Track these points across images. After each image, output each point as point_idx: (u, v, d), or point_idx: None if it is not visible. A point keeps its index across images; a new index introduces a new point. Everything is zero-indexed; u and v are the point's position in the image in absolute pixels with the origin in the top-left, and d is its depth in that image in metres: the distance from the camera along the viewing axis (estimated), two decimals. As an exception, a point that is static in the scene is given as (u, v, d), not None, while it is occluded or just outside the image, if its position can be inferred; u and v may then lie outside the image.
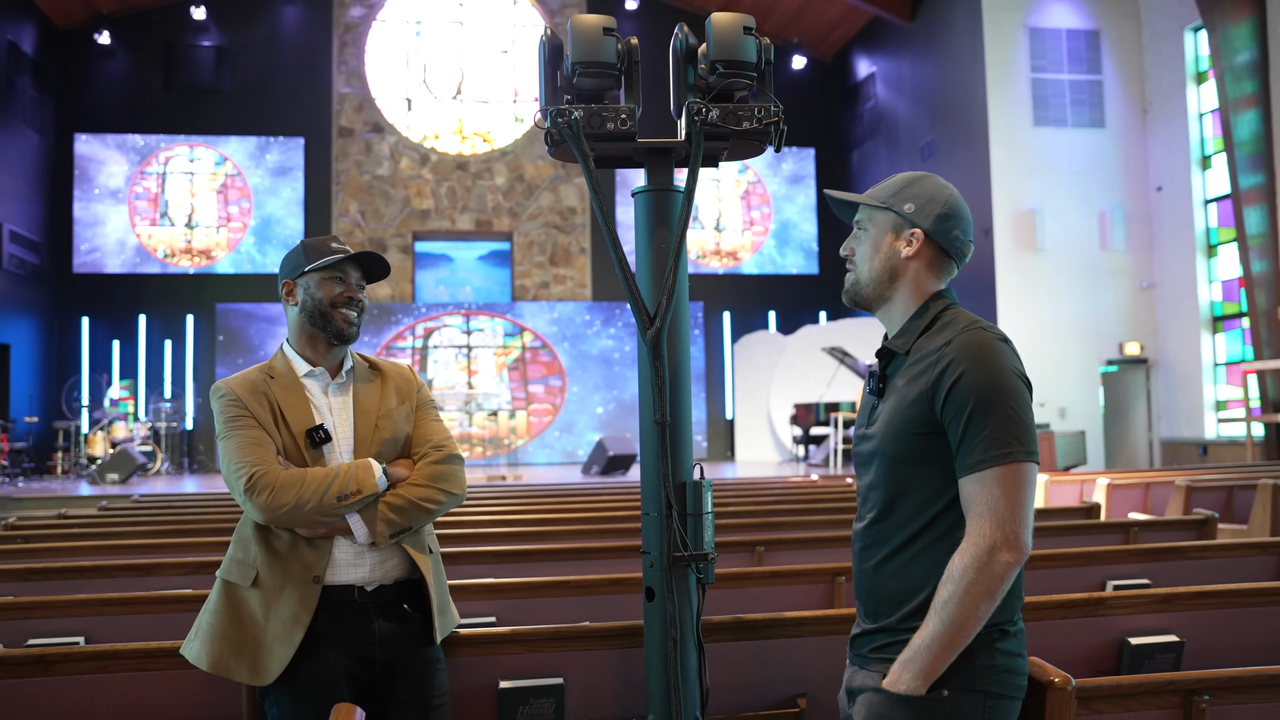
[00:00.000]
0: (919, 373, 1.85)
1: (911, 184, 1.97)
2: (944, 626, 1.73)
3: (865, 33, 18.46)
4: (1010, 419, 1.75)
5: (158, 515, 6.41)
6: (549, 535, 5.11)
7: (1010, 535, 1.72)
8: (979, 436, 1.75)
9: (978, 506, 1.75)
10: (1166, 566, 3.80)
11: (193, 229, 17.82)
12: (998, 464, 1.73)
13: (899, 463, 1.85)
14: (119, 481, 13.08)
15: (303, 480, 2.24)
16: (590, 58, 2.24)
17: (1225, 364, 13.92)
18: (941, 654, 1.74)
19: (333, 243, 2.45)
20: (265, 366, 2.45)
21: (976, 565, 1.72)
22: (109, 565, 4.01)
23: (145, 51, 17.73)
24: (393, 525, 2.30)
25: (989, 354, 1.79)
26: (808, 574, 3.57)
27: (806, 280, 19.52)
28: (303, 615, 2.23)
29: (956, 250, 1.96)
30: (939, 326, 1.89)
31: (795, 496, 7.22)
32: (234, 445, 2.29)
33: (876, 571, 1.89)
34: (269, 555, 2.28)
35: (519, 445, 17.77)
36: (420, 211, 18.28)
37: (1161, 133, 14.59)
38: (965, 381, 1.77)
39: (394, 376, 2.52)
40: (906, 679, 1.76)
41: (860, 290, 2.01)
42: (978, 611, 1.73)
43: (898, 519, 1.86)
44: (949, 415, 1.79)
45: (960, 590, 1.72)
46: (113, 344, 17.23)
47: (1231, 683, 2.03)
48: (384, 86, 18.43)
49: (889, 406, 1.89)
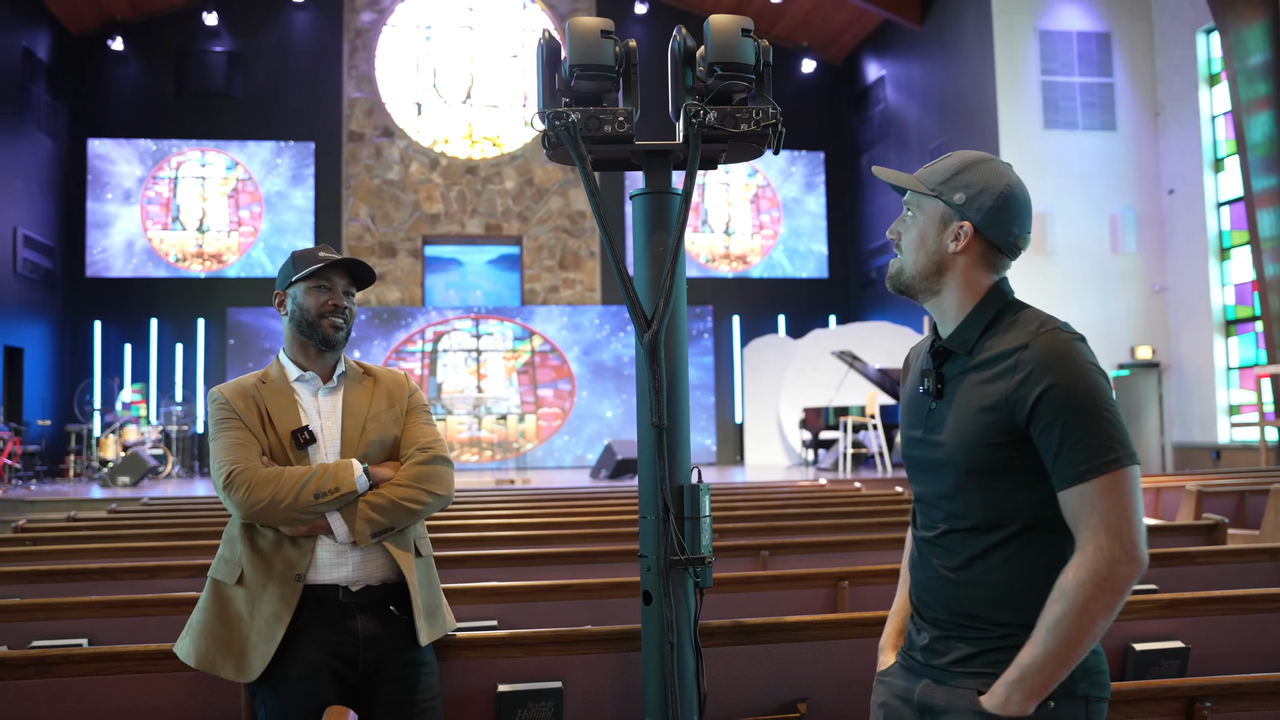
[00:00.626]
0: (991, 377, 1.74)
1: (966, 169, 1.83)
2: (1059, 644, 1.63)
3: (875, 36, 18.43)
4: (1108, 423, 1.65)
5: (165, 518, 6.43)
6: (554, 539, 5.10)
7: (1129, 546, 1.62)
8: (1078, 446, 1.65)
9: (1089, 519, 1.64)
10: (1174, 572, 3.77)
11: (204, 233, 17.89)
12: (1104, 472, 1.64)
13: (973, 473, 1.75)
14: (130, 484, 13.13)
15: (279, 477, 2.27)
16: (588, 60, 2.24)
17: (1238, 368, 13.83)
18: (1055, 674, 1.65)
19: (321, 252, 2.50)
20: (260, 373, 2.51)
21: (1095, 581, 1.62)
22: (114, 568, 4.02)
23: (158, 57, 17.83)
24: (374, 524, 2.31)
25: (1073, 357, 1.69)
26: (811, 578, 3.55)
27: (816, 284, 19.49)
28: (284, 613, 2.26)
29: (1009, 246, 1.82)
30: (1005, 325, 1.78)
31: (802, 500, 7.20)
32: (219, 446, 2.36)
33: (951, 582, 1.78)
34: (253, 554, 2.32)
35: (528, 449, 17.78)
36: (430, 215, 18.33)
37: (1173, 135, 14.53)
38: (1056, 390, 1.66)
39: (386, 381, 2.56)
40: (1017, 699, 1.66)
41: (904, 280, 1.89)
42: (1095, 628, 1.63)
43: (976, 529, 1.76)
44: (1039, 426, 1.68)
45: (1077, 608, 1.62)
46: (124, 347, 17.32)
47: (1234, 689, 2.01)
48: (394, 91, 18.48)
49: (956, 412, 1.78)
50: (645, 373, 2.23)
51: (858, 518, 5.97)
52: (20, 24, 15.67)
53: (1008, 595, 1.72)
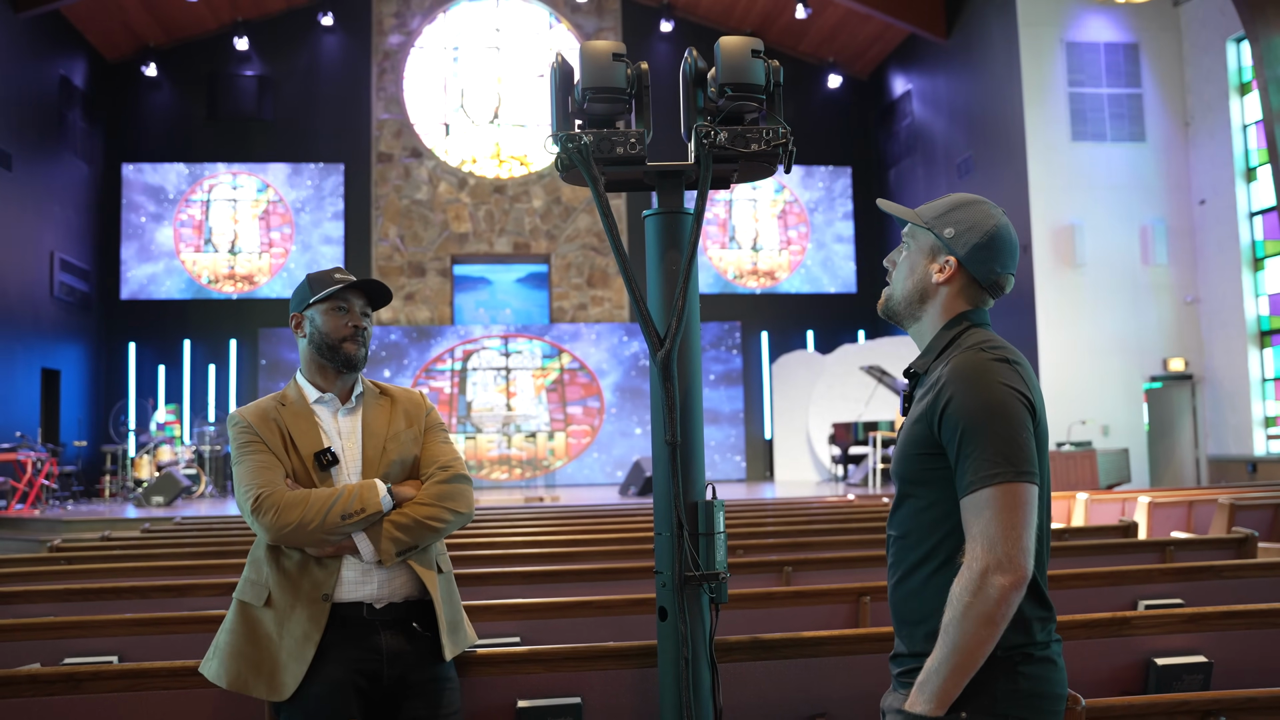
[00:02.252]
0: (925, 393, 1.87)
1: (958, 208, 1.96)
2: (949, 651, 1.72)
3: (901, 50, 18.42)
4: (999, 439, 1.73)
5: (197, 538, 6.51)
6: (579, 556, 5.13)
7: (1003, 558, 1.69)
8: (970, 459, 1.74)
9: (972, 529, 1.74)
10: (1200, 586, 3.74)
11: (235, 255, 18.13)
12: (987, 485, 1.72)
13: (908, 483, 1.87)
14: (164, 504, 13.29)
15: (306, 500, 2.30)
16: (600, 83, 2.28)
17: (1274, 379, 13.65)
18: (951, 678, 1.73)
19: (336, 273, 2.53)
20: (279, 395, 2.54)
21: (971, 589, 1.70)
22: (145, 586, 4.08)
23: (190, 82, 18.13)
24: (399, 544, 2.35)
25: (980, 374, 1.78)
26: (832, 594, 3.55)
27: (844, 299, 19.44)
28: (313, 632, 2.30)
29: (991, 283, 1.94)
30: (954, 348, 1.89)
31: (829, 516, 7.19)
32: (243, 469, 2.38)
33: (895, 591, 1.91)
34: (280, 575, 2.35)
35: (557, 466, 17.82)
36: (458, 235, 18.47)
37: (1204, 145, 14.40)
38: (955, 404, 1.77)
39: (403, 401, 2.59)
40: (921, 701, 1.75)
41: (892, 306, 2.03)
42: (977, 634, 1.70)
43: (911, 540, 1.87)
44: (945, 438, 1.79)
45: (959, 615, 1.71)
46: (158, 369, 17.55)
47: (1249, 703, 2.00)
48: (422, 112, 18.67)
49: (904, 426, 1.93)
50: (659, 391, 2.26)
51: (883, 533, 5.94)
52: (58, 52, 16.00)
53: (935, 608, 1.80)
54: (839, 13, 17.81)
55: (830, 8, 17.63)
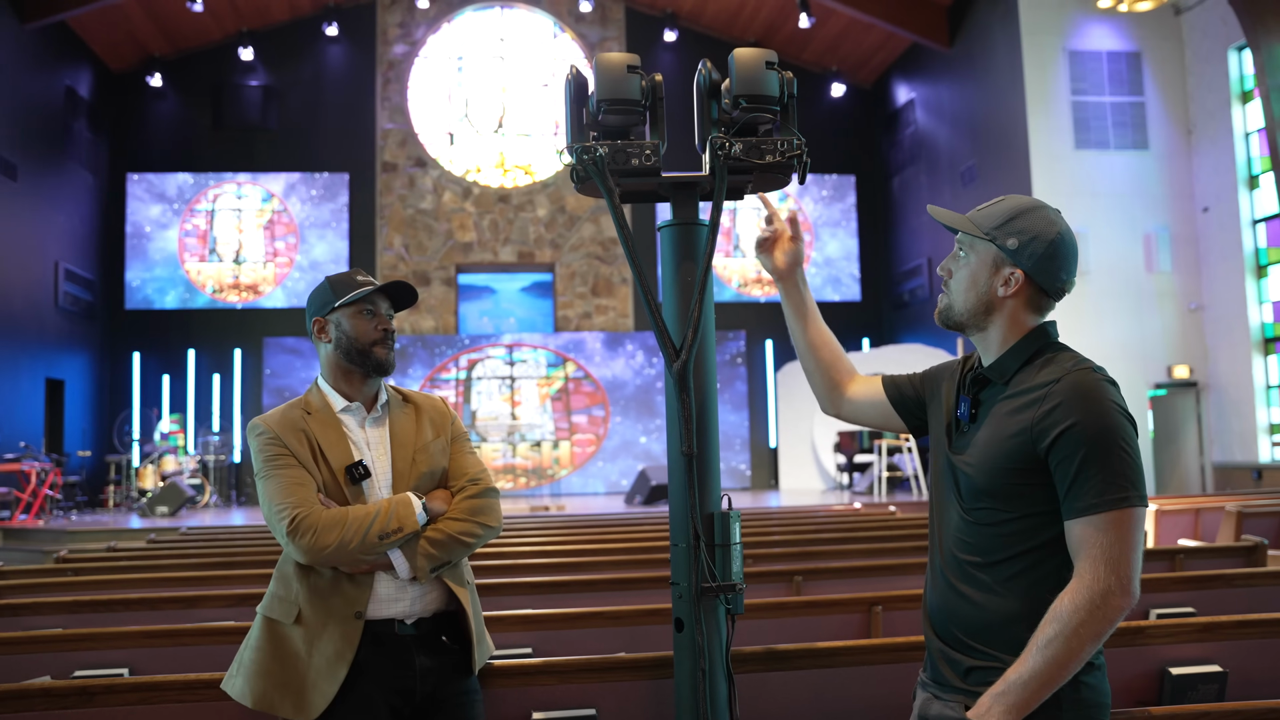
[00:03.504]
0: (1020, 407, 1.83)
1: (1020, 215, 1.91)
2: (1045, 665, 1.72)
3: (904, 59, 18.45)
4: (1124, 463, 1.73)
5: (203, 548, 6.51)
6: (588, 566, 5.12)
7: (1124, 580, 1.71)
8: (1092, 480, 1.73)
9: (1091, 550, 1.73)
10: (1212, 595, 3.72)
11: (240, 264, 18.16)
12: (1112, 509, 1.72)
13: (989, 495, 1.84)
14: (168, 514, 13.30)
15: (344, 520, 2.25)
16: (615, 95, 2.28)
17: (1279, 386, 13.63)
18: (1038, 692, 1.73)
19: (358, 276, 2.47)
20: (301, 403, 2.47)
21: (1088, 608, 1.70)
22: (154, 598, 4.08)
23: (195, 92, 18.19)
24: (433, 560, 2.32)
25: (1099, 396, 1.77)
26: (844, 604, 3.55)
27: (849, 307, 19.45)
28: (346, 651, 2.25)
29: (1056, 290, 1.91)
30: (1042, 362, 1.87)
31: (836, 525, 7.18)
32: (275, 486, 2.31)
33: (958, 601, 1.88)
34: (311, 593, 2.30)
35: (562, 475, 17.81)
36: (463, 244, 18.50)
37: (1207, 153, 14.41)
38: (1078, 425, 1.75)
39: (428, 409, 2.54)
40: (998, 712, 1.74)
41: (953, 317, 1.97)
42: (1082, 652, 1.71)
43: (984, 550, 1.85)
44: (1058, 457, 1.76)
45: (1068, 631, 1.71)
46: (163, 378, 17.57)
47: (1270, 715, 1.99)
48: (426, 121, 18.72)
49: (985, 436, 1.87)
50: (674, 402, 2.26)
51: (892, 542, 5.94)
52: (63, 63, 16.06)
53: (1005, 619, 1.81)
54: (842, 22, 17.85)
55: (834, 17, 17.66)
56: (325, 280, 2.50)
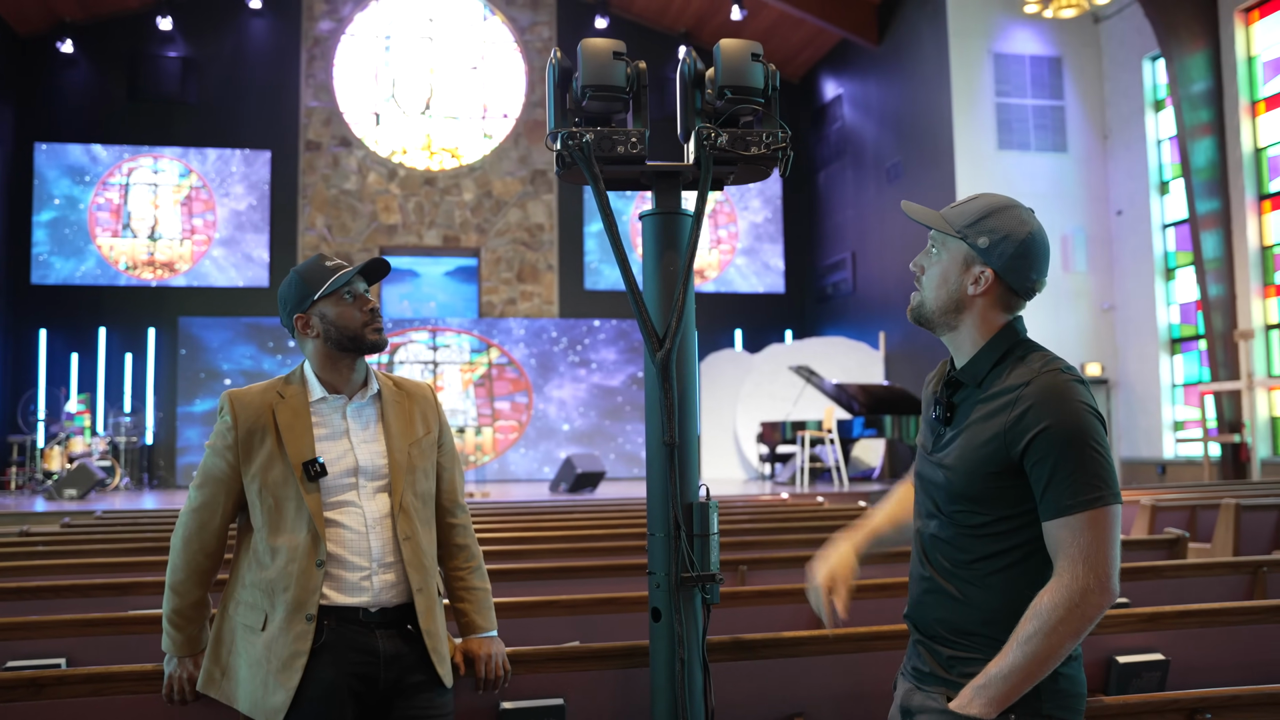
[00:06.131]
0: (993, 411, 1.85)
1: (992, 214, 1.91)
2: (1025, 660, 1.75)
3: (833, 55, 18.67)
4: (1096, 463, 1.76)
5: (128, 533, 6.31)
6: (528, 554, 5.09)
7: (1103, 578, 1.74)
8: (1066, 482, 1.76)
9: (1069, 549, 1.76)
10: (1144, 585, 3.86)
11: (155, 241, 17.60)
12: (1089, 508, 1.75)
13: (966, 499, 1.87)
14: (77, 497, 12.86)
15: (177, 570, 2.36)
16: (600, 81, 2.26)
17: (1183, 385, 14.17)
18: (1018, 685, 1.77)
19: (326, 262, 2.39)
20: (279, 384, 2.40)
21: (1067, 605, 1.74)
22: (85, 584, 3.94)
23: (109, 61, 17.54)
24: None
25: (1069, 397, 1.79)
26: (796, 593, 3.59)
27: (772, 299, 19.65)
28: (298, 658, 2.22)
29: (1027, 290, 1.92)
30: (1012, 361, 1.89)
31: (769, 515, 7.25)
32: (200, 469, 2.40)
33: (939, 597, 1.91)
34: (265, 596, 2.28)
35: (485, 462, 17.69)
36: (387, 226, 18.21)
37: (1121, 158, 14.88)
38: (1050, 428, 1.77)
39: (419, 399, 2.49)
40: (979, 704, 1.78)
41: (924, 314, 1.98)
42: (1061, 649, 1.75)
43: (964, 549, 1.88)
44: (1032, 460, 1.79)
45: (1047, 628, 1.74)
46: (71, 357, 16.95)
47: (1232, 701, 2.08)
48: (352, 101, 18.35)
49: (962, 441, 1.89)
50: (656, 391, 2.26)
51: (827, 532, 6.02)
52: (-33, 25, 15.35)
53: (985, 615, 1.85)
54: (773, 15, 17.98)
55: (765, 10, 17.78)
56: (294, 274, 2.40)
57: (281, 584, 2.26)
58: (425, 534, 2.40)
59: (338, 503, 2.32)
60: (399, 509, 2.34)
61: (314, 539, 2.27)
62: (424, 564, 2.36)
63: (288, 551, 2.27)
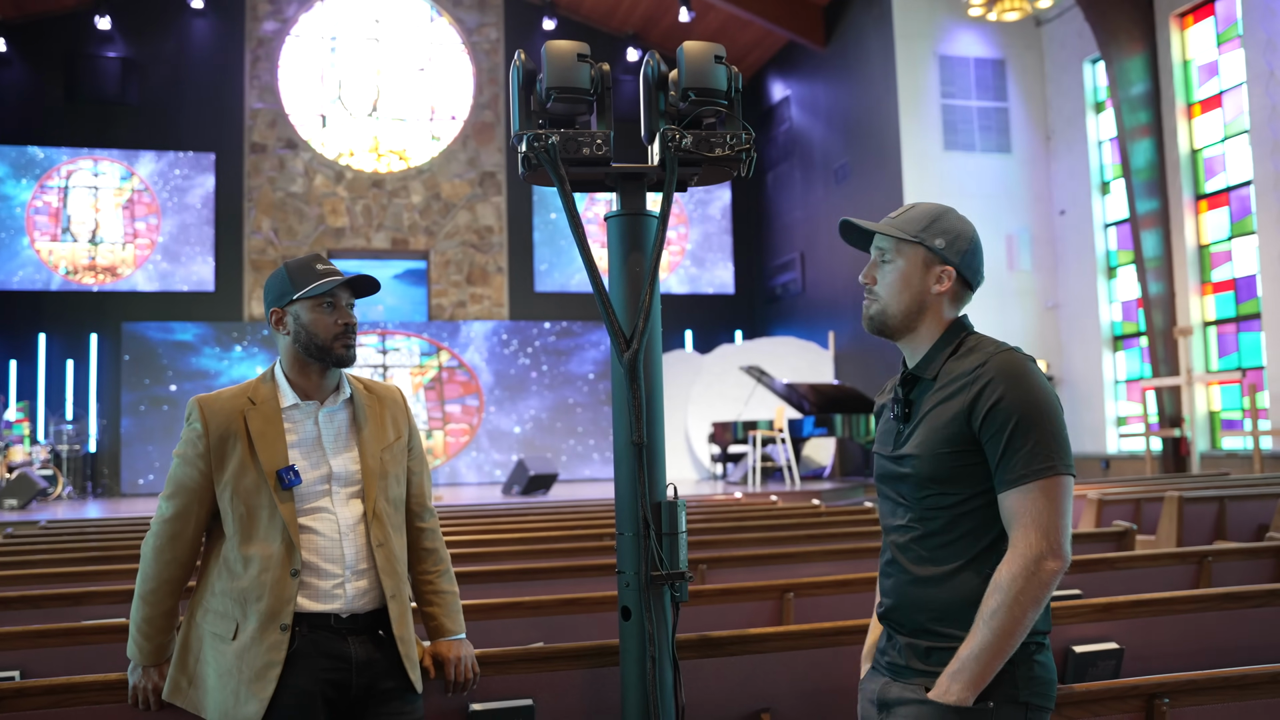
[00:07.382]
0: (952, 393, 1.92)
1: (940, 218, 2.04)
2: (993, 635, 1.80)
3: (780, 56, 18.81)
4: (1050, 434, 1.84)
5: (75, 542, 6.18)
6: (488, 556, 5.08)
7: (1055, 544, 1.80)
8: (1021, 452, 1.83)
9: (1022, 518, 1.82)
10: (1096, 577, 3.96)
11: (96, 245, 17.25)
12: (1041, 477, 1.82)
13: (935, 481, 1.92)
14: (18, 507, 12.56)
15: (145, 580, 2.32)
16: (565, 83, 2.27)
17: (1125, 381, 14.48)
18: (990, 663, 1.81)
19: (318, 264, 2.35)
20: (250, 389, 2.36)
21: (1025, 574, 1.79)
22: (38, 595, 3.86)
23: (45, 60, 17.14)
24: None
25: (1024, 373, 1.88)
26: (758, 591, 3.62)
27: (722, 299, 19.74)
28: (272, 668, 2.19)
29: (978, 282, 2.05)
30: (965, 350, 1.97)
31: (725, 514, 7.30)
32: (170, 477, 2.35)
33: (921, 587, 1.93)
34: (237, 605, 2.25)
35: (436, 465, 17.56)
36: (335, 229, 18.01)
37: (1064, 159, 15.17)
38: (1007, 401, 1.85)
39: (389, 403, 2.46)
40: (956, 689, 1.81)
41: (886, 321, 2.03)
42: (1025, 619, 1.80)
43: (933, 536, 1.92)
44: (989, 433, 1.86)
45: (1009, 599, 1.79)
46: (9, 364, 16.55)
47: (1190, 685, 2.14)
48: (298, 102, 18.13)
49: (924, 429, 1.95)
50: (624, 392, 2.27)
51: (783, 530, 6.08)
52: (-103, 25, 14.93)
53: (959, 600, 1.88)
54: (721, 17, 18.08)
55: (712, 12, 17.87)
56: (283, 267, 2.37)
57: (254, 593, 2.22)
58: (397, 540, 2.39)
59: (311, 509, 2.29)
60: (372, 515, 2.32)
61: (288, 548, 2.24)
62: (396, 570, 2.35)
63: (261, 560, 2.24)
